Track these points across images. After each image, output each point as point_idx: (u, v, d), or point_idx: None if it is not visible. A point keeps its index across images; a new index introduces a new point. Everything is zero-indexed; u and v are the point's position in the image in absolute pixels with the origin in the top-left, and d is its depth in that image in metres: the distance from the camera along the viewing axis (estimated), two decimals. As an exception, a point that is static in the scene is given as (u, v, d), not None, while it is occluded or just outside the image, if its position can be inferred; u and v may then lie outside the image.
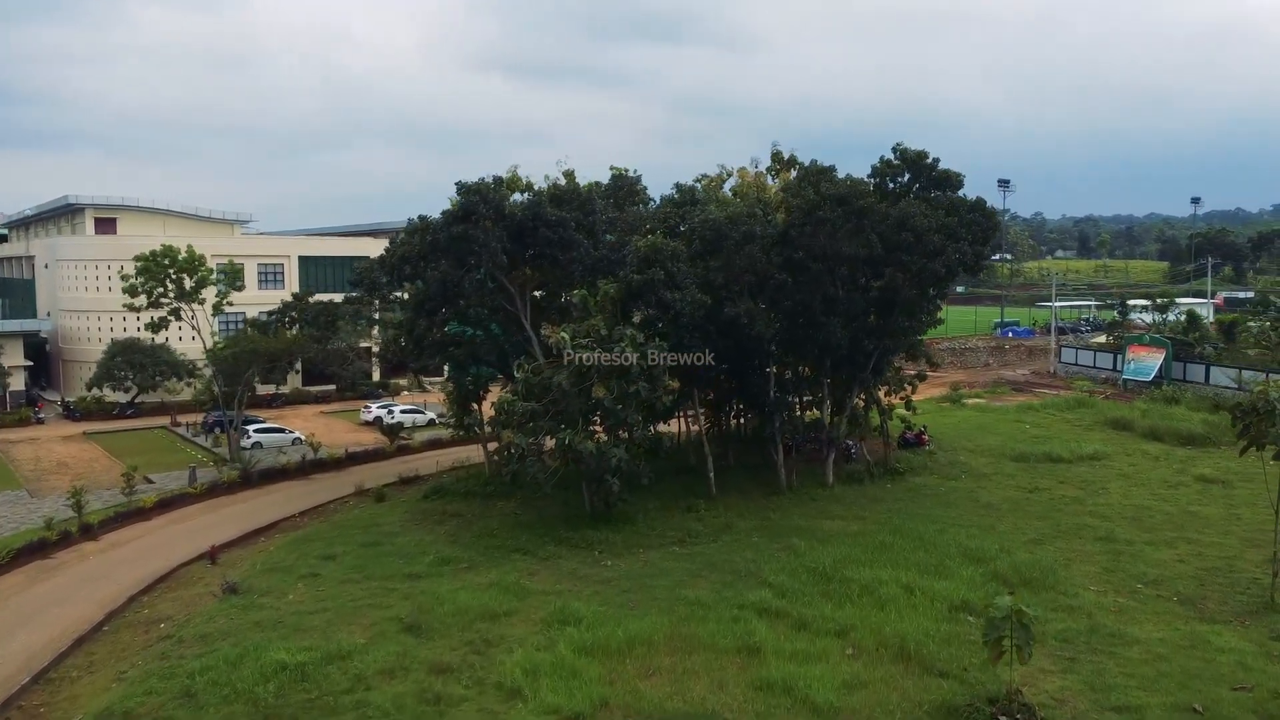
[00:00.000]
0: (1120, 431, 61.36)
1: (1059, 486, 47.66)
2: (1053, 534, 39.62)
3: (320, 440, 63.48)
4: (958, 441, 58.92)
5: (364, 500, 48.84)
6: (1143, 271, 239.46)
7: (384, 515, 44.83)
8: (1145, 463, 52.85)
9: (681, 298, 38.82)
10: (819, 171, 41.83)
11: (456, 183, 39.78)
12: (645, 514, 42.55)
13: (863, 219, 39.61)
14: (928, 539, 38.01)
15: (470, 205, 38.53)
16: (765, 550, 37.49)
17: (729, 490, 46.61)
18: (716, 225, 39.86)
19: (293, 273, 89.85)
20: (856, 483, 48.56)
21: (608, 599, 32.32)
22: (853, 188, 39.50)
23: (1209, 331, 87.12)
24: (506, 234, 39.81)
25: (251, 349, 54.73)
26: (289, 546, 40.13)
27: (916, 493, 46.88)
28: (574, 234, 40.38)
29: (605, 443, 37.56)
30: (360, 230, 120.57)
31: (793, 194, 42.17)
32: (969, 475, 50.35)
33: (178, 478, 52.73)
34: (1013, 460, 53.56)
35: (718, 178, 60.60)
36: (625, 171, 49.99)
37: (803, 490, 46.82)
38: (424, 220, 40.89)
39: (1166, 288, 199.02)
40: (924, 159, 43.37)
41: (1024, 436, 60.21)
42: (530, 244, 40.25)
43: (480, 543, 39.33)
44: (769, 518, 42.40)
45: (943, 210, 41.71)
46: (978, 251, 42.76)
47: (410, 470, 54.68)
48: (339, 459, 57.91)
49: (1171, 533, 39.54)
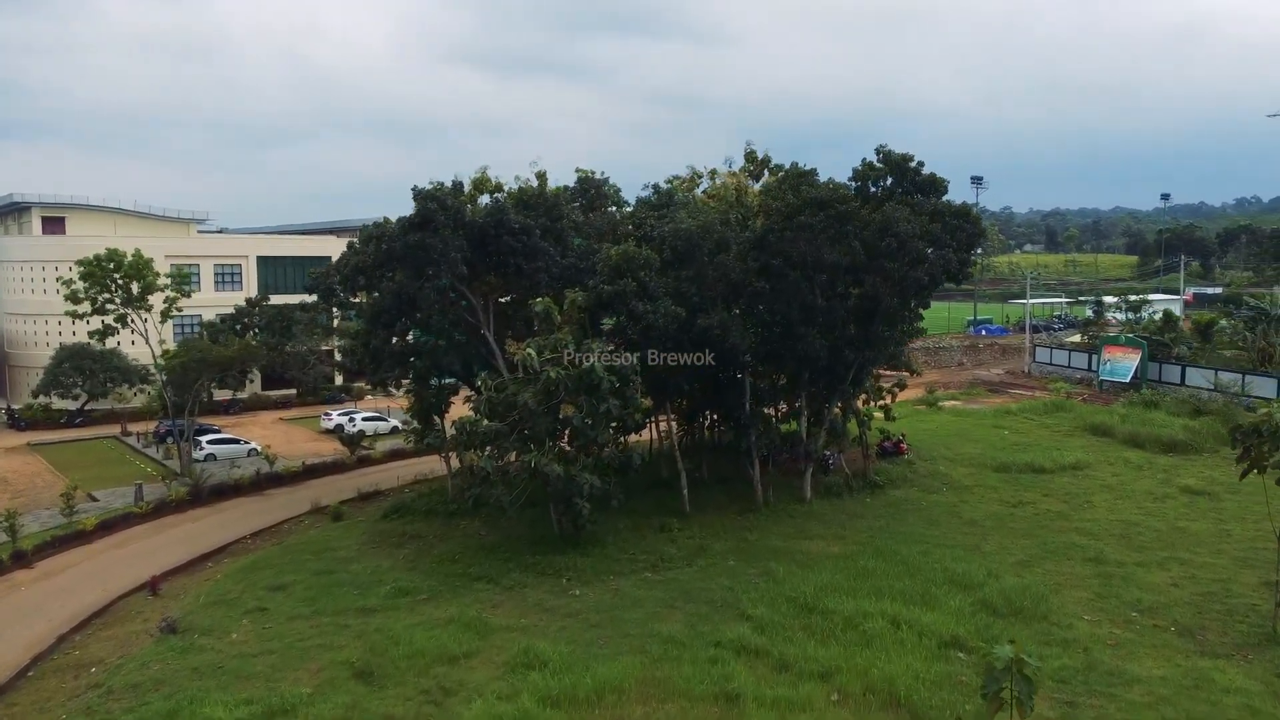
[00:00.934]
0: (1101, 438, 60.07)
1: (1043, 500, 46.18)
2: (1040, 554, 38.05)
3: (278, 451, 61.01)
4: (936, 449, 57.37)
5: (320, 519, 46.46)
6: (1111, 266, 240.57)
7: (340, 537, 42.49)
8: (1128, 472, 51.52)
9: (654, 309, 36.81)
10: (799, 175, 39.90)
11: (413, 188, 37.52)
12: (616, 535, 40.56)
13: (844, 225, 37.75)
14: (912, 562, 36.30)
15: (427, 212, 36.18)
16: (742, 576, 35.61)
17: (703, 506, 44.69)
18: (688, 235, 37.87)
19: (251, 274, 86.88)
20: (835, 497, 46.81)
21: (576, 636, 30.27)
22: (834, 192, 37.61)
23: (1184, 331, 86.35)
24: (467, 242, 37.51)
25: (201, 358, 52.06)
26: (237, 575, 37.72)
27: (897, 508, 45.20)
28: (539, 242, 38.16)
29: (574, 465, 35.48)
30: (322, 228, 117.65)
31: (772, 197, 40.23)
32: (950, 488, 48.75)
33: (124, 495, 50.05)
34: (994, 471, 52.03)
35: (690, 179, 58.63)
36: (591, 173, 47.79)
37: (780, 507, 44.99)
38: (379, 227, 38.46)
39: (1134, 284, 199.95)
40: (908, 162, 41.56)
41: (1004, 444, 58.77)
42: (493, 252, 37.99)
43: (441, 569, 37.14)
44: (746, 538, 40.52)
45: (926, 216, 39.94)
46: (963, 259, 41.07)
47: (370, 484, 52.33)
48: (296, 472, 55.40)
49: (1162, 552, 38.09)
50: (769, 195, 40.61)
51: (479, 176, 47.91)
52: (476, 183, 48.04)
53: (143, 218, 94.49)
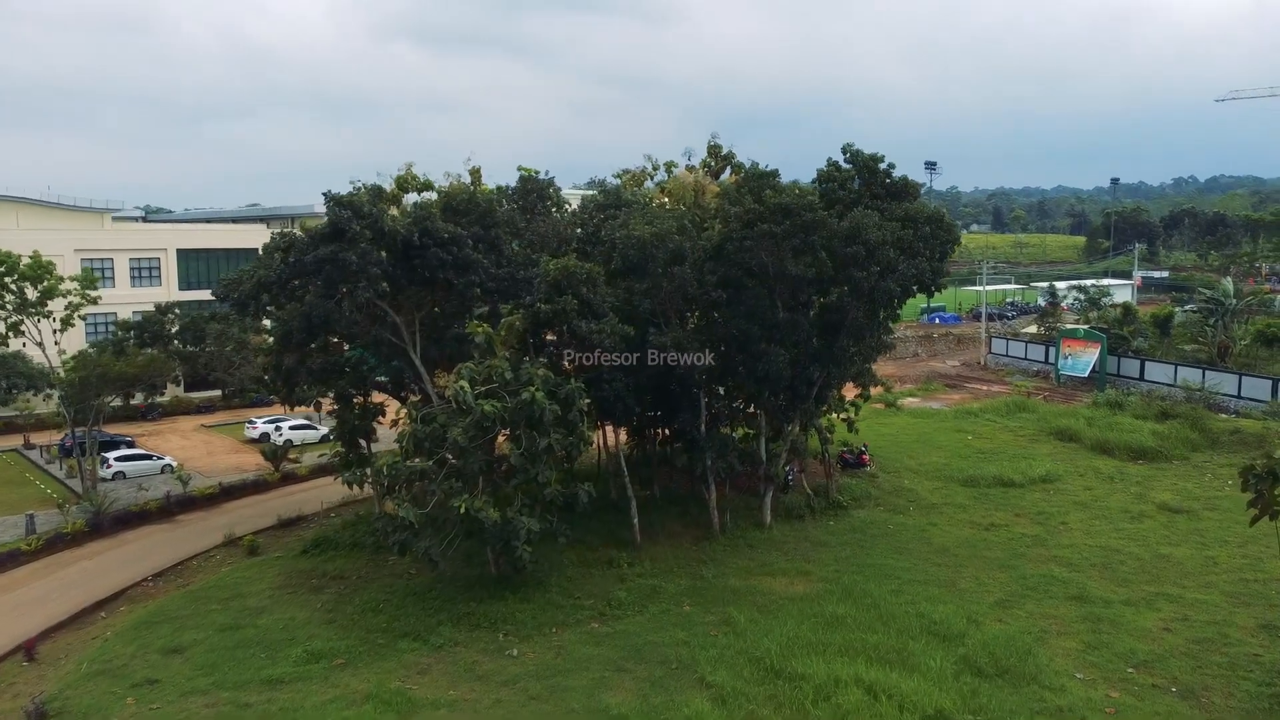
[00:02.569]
0: (1067, 443, 57.73)
1: (1015, 521, 43.42)
2: (1020, 591, 35.16)
3: (196, 466, 56.44)
4: (899, 458, 54.57)
5: (234, 554, 42.11)
6: (1059, 248, 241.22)
7: (253, 579, 38.22)
8: (1100, 485, 49.06)
9: (600, 328, 33.00)
10: (759, 177, 36.15)
11: (324, 194, 33.16)
12: (560, 572, 36.92)
13: (810, 234, 34.22)
14: (884, 606, 33.15)
15: (340, 222, 31.81)
16: (699, 627, 32.17)
17: (656, 534, 41.18)
18: (641, 244, 34.09)
19: (170, 268, 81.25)
20: (797, 520, 43.60)
21: (512, 714, 26.59)
22: (800, 198, 34.00)
23: (1143, 324, 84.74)
24: (389, 254, 33.28)
25: (100, 373, 47.14)
26: (130, 632, 33.33)
27: (863, 533, 42.10)
28: (471, 253, 34.01)
29: (513, 506, 31.65)
30: (251, 216, 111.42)
31: (730, 201, 36.53)
32: (917, 506, 45.82)
33: (15, 525, 45.08)
34: (962, 485, 49.25)
35: (642, 172, 54.74)
36: (534, 173, 43.55)
37: (738, 533, 41.63)
38: (286, 236, 33.96)
39: (1082, 266, 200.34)
40: (877, 163, 38.10)
41: (968, 451, 56.14)
42: (419, 265, 33.81)
43: (362, 622, 33.13)
44: (702, 575, 37.07)
45: (898, 222, 36.57)
46: (936, 268, 37.77)
47: (293, 507, 47.99)
48: (212, 494, 50.77)
49: (1148, 586, 35.40)
50: (728, 199, 36.90)
51: (404, 174, 43.57)
52: (401, 180, 43.73)
53: (50, 208, 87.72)
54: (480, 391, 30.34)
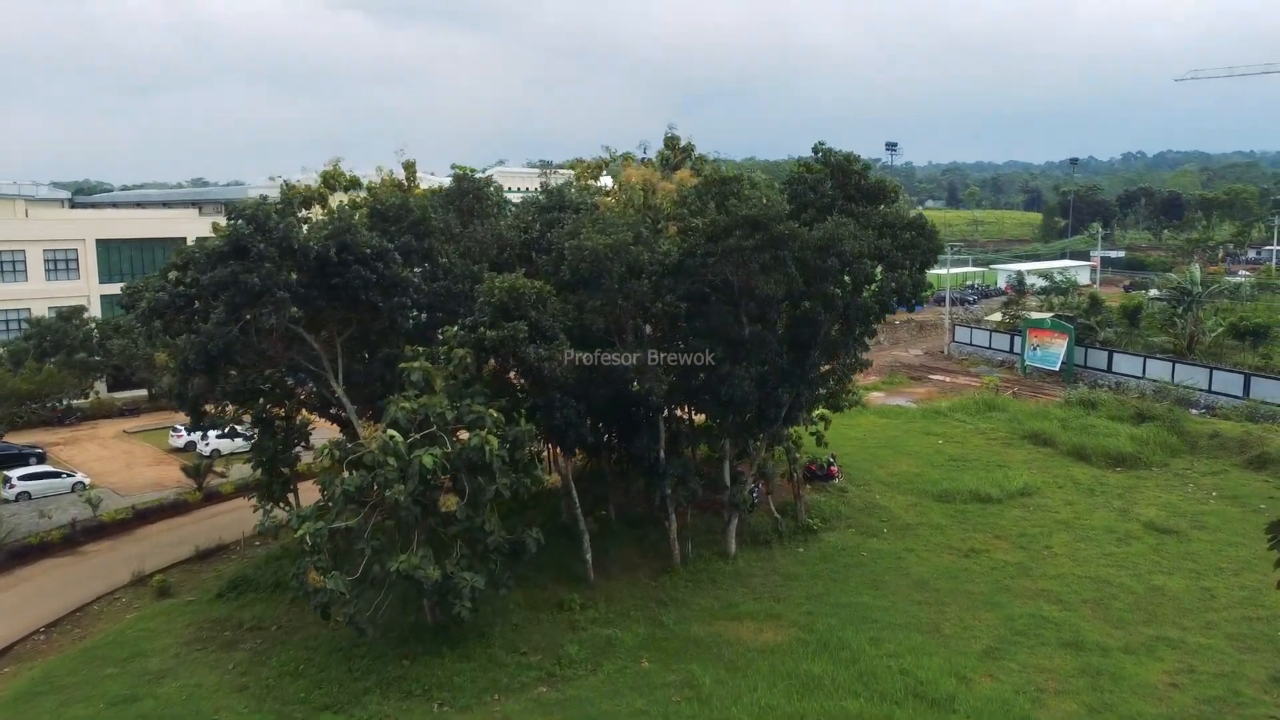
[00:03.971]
0: (1042, 448, 55.14)
1: (996, 545, 40.54)
2: (1009, 636, 32.19)
3: (114, 481, 51.94)
4: (868, 468, 51.60)
5: (142, 595, 37.87)
6: (1015, 225, 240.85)
7: (159, 631, 34.08)
8: (1081, 499, 46.42)
9: (551, 354, 29.15)
10: (724, 182, 32.30)
11: (226, 205, 28.91)
12: (505, 619, 33.30)
13: (781, 248, 30.58)
14: (863, 660, 30.01)
15: (241, 238, 27.45)
16: (660, 690, 28.75)
17: (611, 566, 37.71)
18: (594, 256, 30.23)
19: (89, 260, 75.45)
20: (763, 546, 40.35)
21: (445, 818, 23.00)
22: (768, 208, 30.29)
23: (1110, 314, 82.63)
24: (303, 273, 29.03)
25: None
26: (9, 708, 29.11)
27: (834, 562, 38.94)
28: (398, 272, 29.86)
29: (453, 558, 27.85)
30: (183, 200, 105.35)
31: (691, 209, 32.68)
32: (891, 528, 42.77)
33: (-105, 563, 40.43)
34: (936, 500, 46.34)
35: (595, 163, 50.79)
36: (471, 172, 39.12)
37: (700, 565, 38.28)
38: (185, 253, 29.48)
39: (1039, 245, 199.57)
40: (851, 165, 34.45)
41: (939, 458, 53.31)
42: (339, 285, 29.64)
43: (278, 691, 29.21)
44: (662, 621, 33.59)
45: (875, 230, 33.10)
46: (917, 280, 34.34)
47: (214, 536, 43.73)
48: (125, 519, 46.24)
49: (1146, 628, 32.64)
50: (687, 207, 33.05)
51: (330, 170, 39.22)
52: (327, 177, 39.37)
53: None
54: (414, 439, 26.39)
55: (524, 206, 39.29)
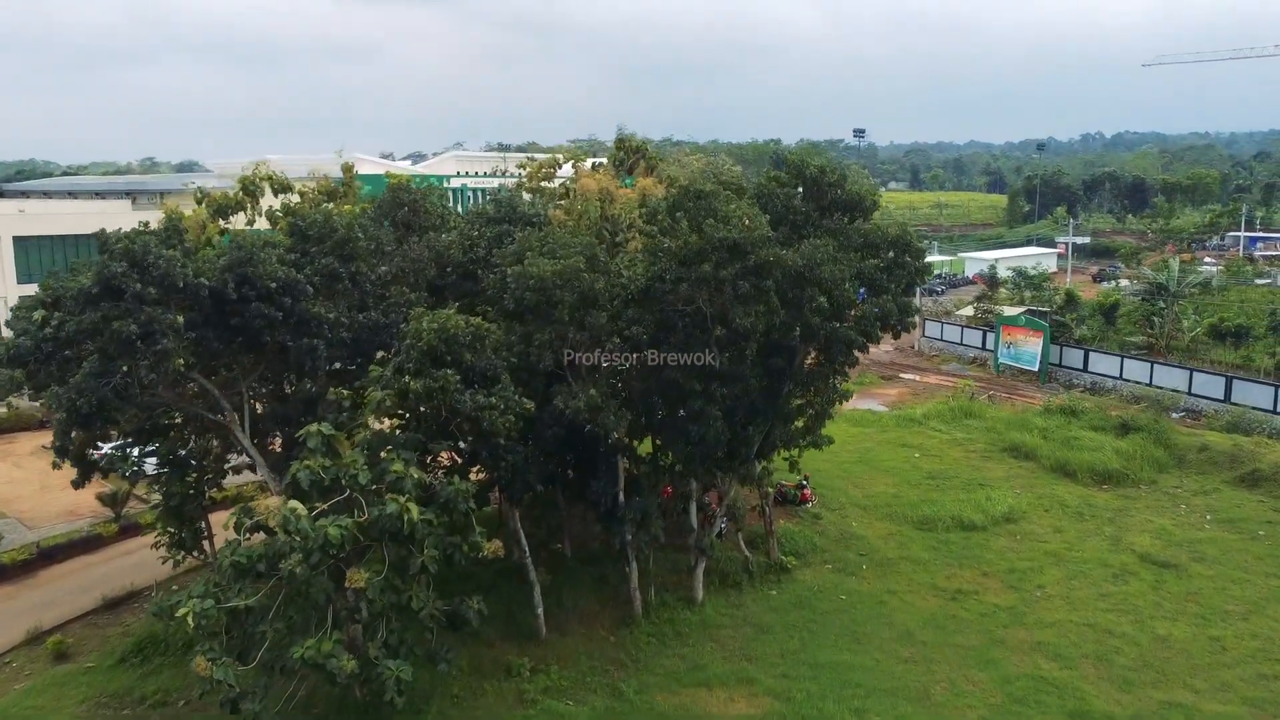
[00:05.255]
0: (1023, 462, 52.28)
1: (984, 585, 37.42)
2: (1006, 704, 29.01)
3: (22, 507, 47.24)
4: (842, 487, 48.36)
5: (36, 658, 33.52)
6: (979, 209, 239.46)
7: (47, 710, 29.83)
8: (1069, 523, 43.52)
9: (492, 403, 25.23)
10: (698, 197, 28.24)
11: (98, 234, 24.47)
12: (444, 691, 29.54)
13: (763, 277, 26.78)
14: (849, 741, 26.65)
15: (111, 279, 22.99)
16: (619, 788, 25.21)
17: (566, 618, 34.01)
18: (541, 286, 26.32)
19: (6, 259, 70.13)
20: (733, 589, 36.89)
21: None
22: (750, 231, 26.34)
23: (1085, 311, 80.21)
24: (195, 311, 24.68)
25: None
26: None
27: (811, 608, 35.57)
28: (310, 307, 25.52)
29: (376, 643, 24.02)
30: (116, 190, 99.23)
31: (662, 227, 28.60)
32: (870, 563, 39.50)
33: None
34: (916, 528, 43.20)
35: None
36: (409, 181, 34.66)
37: (664, 614, 34.68)
38: (52, 289, 24.95)
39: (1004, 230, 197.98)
40: (826, 176, 30.62)
41: (917, 475, 50.24)
42: (238, 325, 25.36)
43: (178, 793, 25.32)
44: (621, 691, 29.92)
45: (856, 251, 29.46)
46: (904, 305, 30.69)
47: (127, 577, 39.32)
48: (27, 559, 41.63)
49: (1156, 690, 29.63)
50: (657, 224, 28.90)
51: (254, 173, 34.85)
52: (246, 182, 34.98)
53: None
54: (318, 510, 22.43)
55: (470, 219, 35.15)
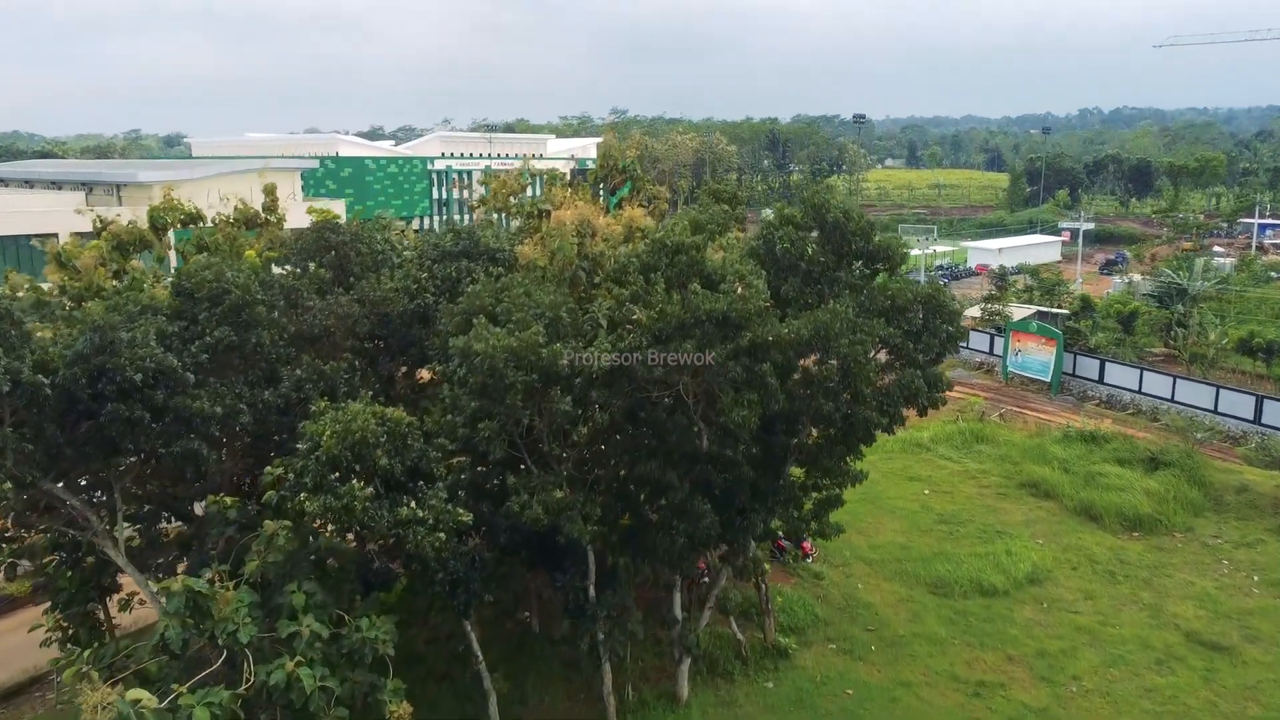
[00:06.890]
0: (1044, 501, 47.66)
1: (1010, 673, 32.72)
2: None
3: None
4: (845, 534, 43.44)
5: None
6: (979, 189, 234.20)
7: None
8: (1101, 588, 38.85)
9: (420, 521, 20.18)
10: (677, 251, 22.76)
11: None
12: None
13: (759, 360, 21.63)
14: None
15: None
16: None
17: None
18: (492, 368, 21.20)
19: (-65, 258, 64.40)
20: (724, 680, 32.15)
21: None
22: (745, 303, 21.03)
23: (1101, 318, 75.40)
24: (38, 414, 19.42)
25: None
26: None
27: (812, 709, 30.82)
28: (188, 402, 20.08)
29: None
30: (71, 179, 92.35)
31: (633, 290, 23.13)
32: (879, 641, 34.80)
33: None
34: (930, 591, 38.56)
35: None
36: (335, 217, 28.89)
37: (644, 717, 30.01)
38: None
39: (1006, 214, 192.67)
40: (849, 224, 25.01)
41: (928, 519, 45.63)
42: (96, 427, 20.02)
43: None
44: (590, 835, 25.32)
45: (881, 315, 24.28)
46: (934, 379, 25.44)
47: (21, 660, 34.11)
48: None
49: (1224, 837, 25.01)
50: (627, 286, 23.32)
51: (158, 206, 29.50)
52: (155, 214, 29.63)
53: None
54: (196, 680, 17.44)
55: (423, 252, 29.81)
